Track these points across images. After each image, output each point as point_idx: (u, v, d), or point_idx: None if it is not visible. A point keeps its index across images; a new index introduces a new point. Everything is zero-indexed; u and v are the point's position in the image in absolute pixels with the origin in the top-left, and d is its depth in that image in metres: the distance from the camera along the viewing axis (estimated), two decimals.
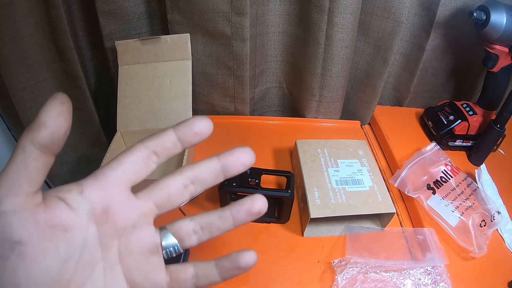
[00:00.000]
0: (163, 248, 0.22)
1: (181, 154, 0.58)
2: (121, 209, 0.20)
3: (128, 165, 0.21)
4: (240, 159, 0.23)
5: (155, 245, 0.22)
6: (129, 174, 0.21)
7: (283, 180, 0.51)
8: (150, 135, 0.22)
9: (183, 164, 0.54)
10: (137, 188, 0.22)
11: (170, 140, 0.22)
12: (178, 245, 0.23)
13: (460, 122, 0.64)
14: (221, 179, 0.23)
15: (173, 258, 0.45)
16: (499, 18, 0.52)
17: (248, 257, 0.23)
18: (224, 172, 0.23)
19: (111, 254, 0.20)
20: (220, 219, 0.24)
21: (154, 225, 0.22)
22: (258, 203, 0.23)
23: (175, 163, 0.61)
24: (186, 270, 0.23)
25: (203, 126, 0.22)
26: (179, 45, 0.61)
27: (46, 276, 0.17)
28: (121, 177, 0.20)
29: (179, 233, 0.23)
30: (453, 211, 0.51)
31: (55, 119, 0.17)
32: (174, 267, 0.23)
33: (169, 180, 0.22)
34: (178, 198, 0.23)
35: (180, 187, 0.22)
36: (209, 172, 0.23)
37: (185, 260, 0.46)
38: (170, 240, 0.22)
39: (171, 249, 0.23)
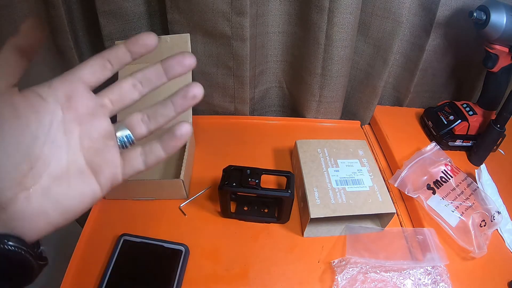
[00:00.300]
0: (117, 137, 0.26)
1: (181, 154, 0.58)
2: (81, 99, 0.25)
3: (86, 69, 0.25)
4: (180, 62, 0.27)
5: (110, 132, 0.26)
6: (88, 75, 0.25)
7: (283, 180, 0.51)
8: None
9: (183, 163, 0.54)
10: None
11: (121, 51, 0.26)
12: (130, 133, 0.27)
13: (460, 122, 0.64)
14: (164, 80, 0.28)
15: (173, 257, 0.46)
16: (499, 18, 0.52)
17: (183, 127, 0.26)
18: (166, 73, 0.28)
19: (73, 137, 0.24)
20: (163, 106, 0.28)
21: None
22: (193, 88, 0.27)
23: (175, 163, 0.61)
24: (135, 149, 0.27)
25: (149, 39, 0.26)
26: (179, 45, 0.61)
27: (18, 149, 0.21)
28: (81, 75, 0.25)
29: (130, 123, 0.27)
30: (453, 211, 0.51)
31: (30, 29, 0.23)
32: (125, 150, 0.27)
33: (121, 81, 0.27)
34: (129, 95, 0.27)
35: (130, 86, 0.27)
36: (154, 73, 0.27)
37: (185, 260, 0.46)
38: (123, 129, 0.27)
39: (125, 137, 0.27)
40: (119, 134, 0.26)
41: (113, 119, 0.28)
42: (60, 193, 0.23)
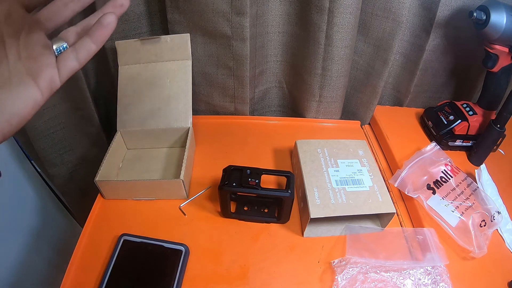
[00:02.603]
0: (54, 48, 0.28)
1: (181, 154, 0.58)
2: (18, 16, 0.26)
3: None
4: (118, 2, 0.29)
5: (47, 44, 0.28)
6: None
7: (283, 180, 0.51)
8: None
9: (183, 163, 0.54)
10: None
11: None
12: (66, 44, 0.29)
13: (460, 122, 0.64)
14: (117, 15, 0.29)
15: (173, 257, 0.45)
16: (499, 18, 0.52)
17: (109, 17, 0.28)
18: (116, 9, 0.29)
19: (13, 50, 0.25)
20: (94, 18, 0.29)
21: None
22: None
23: (175, 163, 0.61)
24: (67, 50, 0.28)
25: None
26: (179, 45, 0.61)
27: None
28: None
29: (66, 36, 0.29)
30: (453, 211, 0.51)
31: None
32: (59, 54, 0.28)
33: (52, 1, 0.28)
34: (62, 13, 0.29)
35: (60, 4, 0.28)
36: None
37: (185, 260, 0.46)
38: (60, 41, 0.29)
39: (61, 47, 0.28)
40: (55, 45, 0.28)
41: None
42: (2, 99, 0.25)
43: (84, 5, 0.29)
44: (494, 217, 0.50)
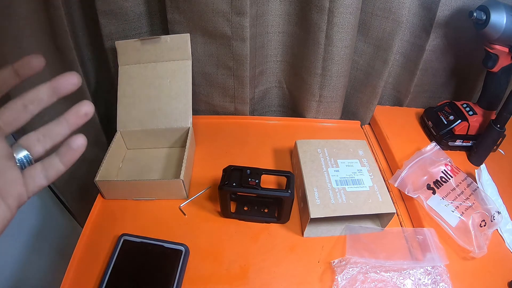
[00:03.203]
0: (16, 158, 0.27)
1: (181, 154, 0.58)
2: None
3: None
4: (67, 80, 0.28)
5: (8, 153, 0.26)
6: None
7: (283, 180, 0.51)
8: None
9: (183, 163, 0.54)
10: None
11: (7, 71, 0.27)
12: (28, 154, 0.27)
13: (460, 122, 0.64)
14: (54, 99, 0.28)
15: (173, 257, 0.45)
16: (499, 18, 0.52)
17: (78, 140, 0.27)
18: (55, 92, 0.28)
19: None
20: (57, 125, 0.28)
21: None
22: (84, 106, 0.28)
23: (175, 163, 0.61)
24: (36, 166, 0.28)
25: (36, 61, 0.27)
26: (179, 45, 0.61)
27: None
28: None
29: (27, 143, 0.28)
30: (453, 211, 0.51)
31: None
32: (26, 169, 0.27)
33: (11, 103, 0.27)
34: (22, 117, 0.27)
35: (20, 108, 0.27)
36: (44, 93, 0.28)
37: (185, 260, 0.46)
38: (21, 150, 0.27)
39: (23, 158, 0.27)
40: (17, 155, 0.27)
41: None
42: None
43: (44, 107, 0.28)
44: (494, 217, 0.50)
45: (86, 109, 0.28)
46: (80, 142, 0.27)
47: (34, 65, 0.27)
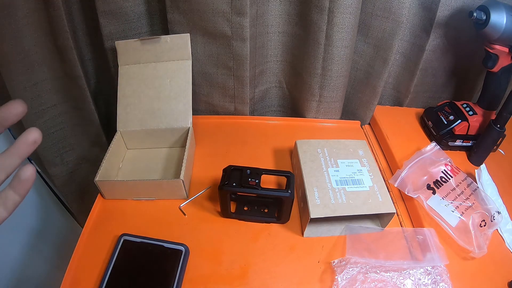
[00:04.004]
0: None
1: (181, 154, 0.58)
2: None
3: None
4: (12, 111, 0.27)
5: None
6: None
7: (283, 180, 0.51)
8: None
9: (183, 163, 0.54)
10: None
11: None
12: None
13: (460, 122, 0.64)
14: (1, 131, 0.28)
15: (173, 257, 0.46)
16: (499, 18, 0.52)
17: (27, 171, 0.27)
18: (2, 124, 0.27)
19: None
20: (7, 157, 0.28)
21: None
22: (32, 134, 0.28)
23: (175, 163, 0.61)
24: None
25: (17, 107, 0.27)
26: (179, 45, 0.61)
27: None
28: None
29: None
30: (453, 211, 0.51)
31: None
32: None
33: None
34: None
35: None
36: None
37: (185, 260, 0.46)
38: None
39: None
40: None
41: None
42: None
43: (2, 131, 0.28)
44: (494, 217, 0.50)
45: (34, 137, 0.28)
46: (29, 173, 0.27)
47: (17, 112, 0.27)
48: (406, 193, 0.54)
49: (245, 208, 0.54)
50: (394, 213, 0.50)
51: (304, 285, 0.45)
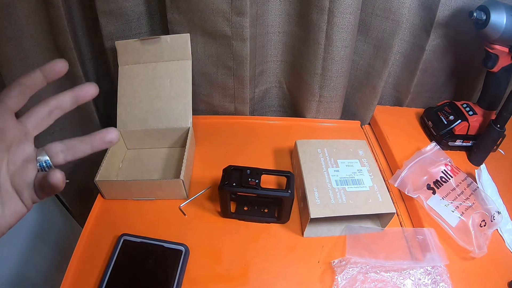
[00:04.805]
0: (37, 161, 0.29)
1: (181, 154, 0.58)
2: (10, 129, 0.27)
3: (11, 98, 0.28)
4: (88, 91, 0.30)
5: (32, 156, 0.29)
6: (13, 104, 0.28)
7: (283, 180, 0.51)
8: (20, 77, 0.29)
9: (183, 163, 0.54)
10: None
11: (38, 77, 0.29)
12: (49, 160, 0.29)
13: (460, 122, 0.64)
14: (74, 106, 0.30)
15: (173, 257, 0.45)
16: (499, 18, 0.52)
17: (55, 176, 0.27)
18: (76, 101, 0.30)
19: (3, 165, 0.27)
20: (81, 143, 0.30)
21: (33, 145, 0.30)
22: (110, 134, 0.30)
23: (175, 163, 0.61)
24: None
25: (60, 66, 0.29)
26: (179, 45, 0.61)
27: None
28: (8, 105, 0.27)
29: (50, 151, 0.29)
30: (453, 211, 0.51)
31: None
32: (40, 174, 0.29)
33: (37, 109, 0.29)
34: (46, 121, 0.30)
35: (46, 113, 0.29)
36: (67, 101, 0.30)
37: (185, 260, 0.46)
38: (43, 155, 0.29)
39: (44, 162, 0.29)
40: (39, 158, 0.29)
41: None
42: None
43: (65, 112, 0.30)
44: (494, 217, 0.50)
45: (111, 137, 0.30)
46: (56, 179, 0.27)
47: (58, 70, 0.29)
48: (406, 193, 0.54)
49: (245, 208, 0.54)
50: (394, 213, 0.50)
51: (304, 285, 0.45)
